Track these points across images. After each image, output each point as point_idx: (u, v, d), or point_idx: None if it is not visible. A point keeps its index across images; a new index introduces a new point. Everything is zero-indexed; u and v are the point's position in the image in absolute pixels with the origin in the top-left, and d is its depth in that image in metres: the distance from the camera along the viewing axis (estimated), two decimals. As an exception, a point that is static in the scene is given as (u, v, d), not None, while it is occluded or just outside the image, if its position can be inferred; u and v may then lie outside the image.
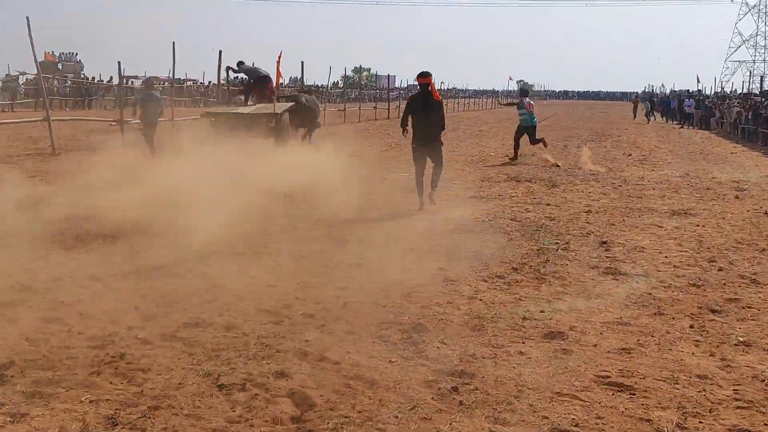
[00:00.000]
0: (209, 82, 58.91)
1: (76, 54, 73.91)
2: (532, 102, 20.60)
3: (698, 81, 65.24)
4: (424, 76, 11.87)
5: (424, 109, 11.77)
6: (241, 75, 21.06)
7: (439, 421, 4.55)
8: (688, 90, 65.80)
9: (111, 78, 46.84)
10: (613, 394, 5.00)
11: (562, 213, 11.85)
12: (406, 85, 65.64)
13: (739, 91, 52.62)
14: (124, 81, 29.81)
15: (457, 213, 11.51)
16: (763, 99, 34.10)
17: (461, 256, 8.61)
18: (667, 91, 79.00)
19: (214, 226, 9.09)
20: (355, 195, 12.07)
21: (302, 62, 34.94)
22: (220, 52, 23.29)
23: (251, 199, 11.08)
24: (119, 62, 23.77)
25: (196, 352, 5.49)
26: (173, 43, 24.51)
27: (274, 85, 19.28)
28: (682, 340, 6.04)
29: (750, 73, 69.94)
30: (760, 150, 25.76)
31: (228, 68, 20.73)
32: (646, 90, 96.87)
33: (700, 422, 4.63)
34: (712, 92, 59.54)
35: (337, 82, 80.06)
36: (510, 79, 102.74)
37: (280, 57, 19.18)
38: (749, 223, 11.27)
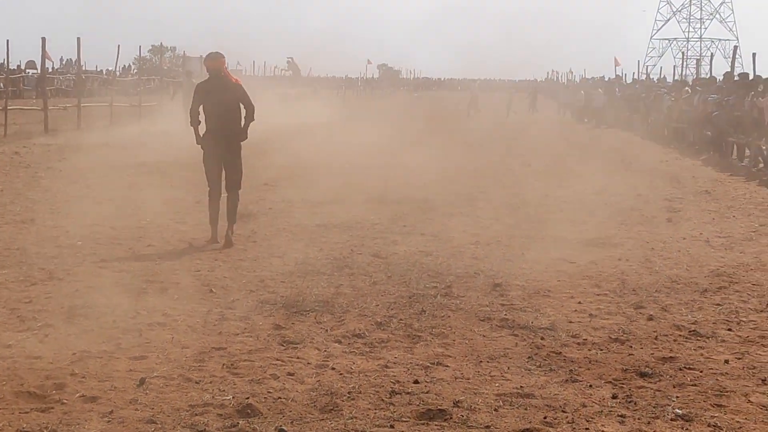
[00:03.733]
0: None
1: None
2: None
3: (616, 65, 67.44)
4: (214, 59, 12.04)
5: (218, 97, 11.94)
6: None
7: None
8: (603, 77, 68.19)
9: None
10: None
11: (442, 245, 12.04)
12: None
13: (670, 78, 54.81)
14: None
15: (297, 247, 11.54)
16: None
17: (305, 309, 8.62)
18: (577, 79, 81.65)
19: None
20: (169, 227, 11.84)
21: (78, 38, 34.29)
22: None
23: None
24: None
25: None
26: None
27: None
28: (603, 416, 6.20)
29: (683, 54, 72.98)
30: (698, 157, 26.78)
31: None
32: (550, 77, 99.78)
33: None
34: (636, 79, 61.86)
35: (129, 66, 79.58)
36: (369, 63, 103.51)
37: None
38: (686, 255, 11.74)
